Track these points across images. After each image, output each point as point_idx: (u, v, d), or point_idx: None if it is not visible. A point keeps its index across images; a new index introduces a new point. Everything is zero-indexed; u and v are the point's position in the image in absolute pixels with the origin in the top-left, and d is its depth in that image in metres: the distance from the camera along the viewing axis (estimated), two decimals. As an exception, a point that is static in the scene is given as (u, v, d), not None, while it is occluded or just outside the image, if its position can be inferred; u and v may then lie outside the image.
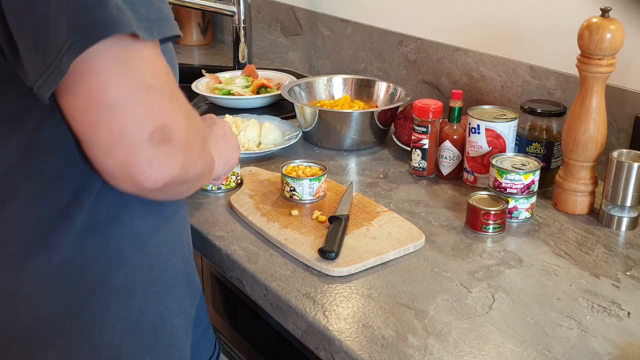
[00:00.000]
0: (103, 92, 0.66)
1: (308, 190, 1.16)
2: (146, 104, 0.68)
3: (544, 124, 1.24)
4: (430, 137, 1.28)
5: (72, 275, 0.77)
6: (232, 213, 1.16)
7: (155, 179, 0.70)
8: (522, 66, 1.41)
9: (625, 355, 0.82)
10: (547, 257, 1.04)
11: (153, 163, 0.69)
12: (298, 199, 1.17)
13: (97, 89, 0.65)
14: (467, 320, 0.88)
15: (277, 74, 1.83)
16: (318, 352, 0.89)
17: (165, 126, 0.69)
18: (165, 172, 0.70)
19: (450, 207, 1.19)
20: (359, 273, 0.99)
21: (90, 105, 0.66)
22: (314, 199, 1.17)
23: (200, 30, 2.39)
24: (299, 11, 2.01)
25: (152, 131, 0.68)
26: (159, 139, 0.68)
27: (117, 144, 0.68)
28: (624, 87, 1.25)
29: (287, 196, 1.17)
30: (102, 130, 0.67)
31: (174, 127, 0.70)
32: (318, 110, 1.44)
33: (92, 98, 0.66)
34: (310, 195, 1.17)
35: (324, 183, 1.19)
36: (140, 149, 0.68)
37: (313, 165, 1.23)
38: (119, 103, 0.66)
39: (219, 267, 1.09)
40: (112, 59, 0.66)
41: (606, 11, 1.08)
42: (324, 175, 1.19)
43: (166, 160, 0.70)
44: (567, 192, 1.17)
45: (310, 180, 1.16)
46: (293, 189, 1.16)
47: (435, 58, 1.61)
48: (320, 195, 1.18)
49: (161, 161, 0.69)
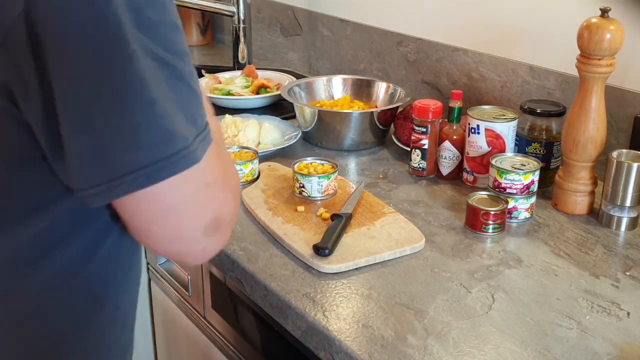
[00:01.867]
0: (169, 198, 0.66)
1: (317, 187, 1.17)
2: (204, 201, 0.69)
3: (544, 124, 1.24)
4: (430, 137, 1.28)
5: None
6: (232, 213, 1.16)
7: (204, 261, 0.73)
8: (521, 66, 1.42)
9: (625, 355, 0.82)
10: (547, 257, 1.04)
11: (207, 250, 0.71)
12: (307, 195, 1.17)
13: (162, 196, 0.66)
14: (467, 320, 0.88)
15: (277, 74, 1.83)
16: (318, 352, 0.89)
17: (219, 217, 0.70)
18: (213, 254, 0.73)
19: (450, 207, 1.19)
20: (358, 273, 0.99)
21: (152, 206, 0.66)
22: (323, 197, 1.18)
23: (200, 31, 2.39)
24: (299, 11, 2.01)
25: (207, 225, 0.69)
26: (213, 229, 0.70)
27: (174, 238, 0.69)
28: (624, 87, 1.25)
29: (296, 192, 1.18)
30: (161, 227, 0.68)
31: (226, 214, 0.71)
32: (318, 111, 1.44)
33: (155, 201, 0.66)
34: (319, 192, 1.17)
35: (333, 181, 1.19)
36: (196, 241, 0.70)
37: (325, 163, 1.24)
38: (181, 204, 0.67)
39: (218, 268, 1.09)
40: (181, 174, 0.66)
41: (606, 11, 1.08)
42: (334, 173, 1.20)
43: (218, 244, 0.72)
44: (567, 192, 1.17)
45: (319, 177, 1.17)
46: (302, 186, 1.17)
47: (435, 58, 1.61)
48: (329, 193, 1.19)
49: (214, 246, 0.72)
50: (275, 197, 1.18)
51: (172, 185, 0.65)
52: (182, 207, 0.67)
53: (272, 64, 2.11)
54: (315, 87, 1.61)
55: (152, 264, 1.41)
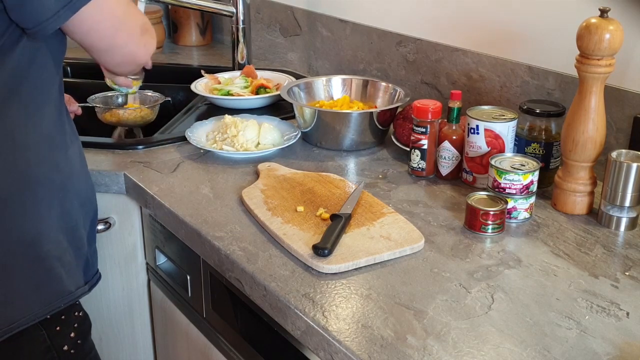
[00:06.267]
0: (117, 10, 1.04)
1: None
2: (133, 12, 1.08)
3: (543, 124, 1.24)
4: (429, 138, 1.28)
5: None
6: (231, 213, 1.16)
7: (149, 54, 1.14)
8: (520, 66, 1.42)
9: (624, 355, 0.83)
10: (546, 258, 1.04)
11: (147, 45, 1.12)
12: None
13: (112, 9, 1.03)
14: (466, 320, 0.88)
15: (276, 75, 1.83)
16: (317, 353, 0.89)
17: (144, 23, 1.11)
18: (152, 47, 1.14)
19: (449, 207, 1.19)
20: (357, 273, 0.99)
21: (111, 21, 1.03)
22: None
23: (200, 31, 2.39)
24: (298, 12, 2.01)
25: (141, 26, 1.10)
26: (144, 29, 1.10)
27: (130, 41, 1.08)
28: (623, 87, 1.25)
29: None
30: (120, 37, 1.06)
31: (147, 22, 1.12)
32: (317, 111, 1.44)
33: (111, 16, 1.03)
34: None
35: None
36: (139, 38, 1.09)
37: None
38: (124, 15, 1.06)
39: (218, 268, 1.09)
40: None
41: (605, 11, 1.08)
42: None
43: (151, 42, 1.13)
44: (566, 193, 1.17)
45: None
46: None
47: (434, 58, 1.61)
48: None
49: (150, 42, 1.13)
50: (274, 198, 1.18)
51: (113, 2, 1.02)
52: (125, 17, 1.06)
53: (271, 64, 2.11)
54: (314, 88, 1.61)
55: (151, 264, 1.41)
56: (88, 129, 1.50)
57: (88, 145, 1.40)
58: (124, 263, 1.43)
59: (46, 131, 1.05)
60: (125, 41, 1.07)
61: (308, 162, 1.38)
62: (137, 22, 1.08)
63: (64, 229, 1.09)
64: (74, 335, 1.12)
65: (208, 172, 1.33)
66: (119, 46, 1.07)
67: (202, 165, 1.36)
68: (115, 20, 1.04)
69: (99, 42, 1.05)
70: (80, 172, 1.14)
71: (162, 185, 1.27)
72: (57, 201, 1.07)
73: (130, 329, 1.49)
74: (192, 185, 1.27)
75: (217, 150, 1.39)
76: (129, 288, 1.45)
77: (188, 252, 1.23)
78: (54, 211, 1.07)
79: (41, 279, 1.05)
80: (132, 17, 1.07)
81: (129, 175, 1.31)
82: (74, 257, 1.11)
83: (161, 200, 1.21)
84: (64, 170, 1.09)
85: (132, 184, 1.30)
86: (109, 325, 1.47)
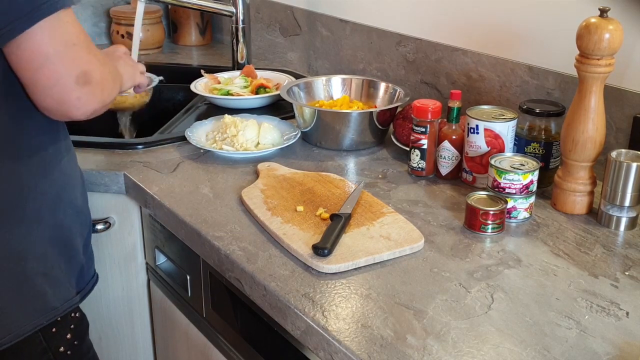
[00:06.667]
0: (44, 47, 0.92)
1: None
2: (72, 55, 0.95)
3: (543, 124, 1.24)
4: (429, 137, 1.28)
5: None
6: (231, 213, 1.16)
7: (84, 112, 0.98)
8: (520, 66, 1.42)
9: (624, 355, 0.82)
10: (546, 257, 1.04)
11: (82, 100, 0.96)
12: None
13: (39, 45, 0.92)
14: (466, 320, 0.88)
15: (276, 74, 1.83)
16: (317, 352, 0.89)
17: (87, 72, 0.96)
18: (90, 106, 0.98)
19: (449, 207, 1.19)
20: (356, 273, 0.99)
21: (33, 55, 0.92)
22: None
23: (199, 31, 2.39)
24: (298, 11, 2.01)
25: (77, 75, 0.95)
26: (83, 81, 0.95)
27: (54, 85, 0.94)
28: (623, 87, 1.25)
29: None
30: (43, 75, 0.93)
31: (94, 72, 0.97)
32: (317, 111, 1.44)
33: (34, 49, 0.92)
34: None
35: None
36: (71, 89, 0.95)
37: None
38: (55, 55, 0.93)
39: (217, 268, 1.09)
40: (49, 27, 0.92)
41: (605, 11, 1.08)
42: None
43: (92, 97, 0.97)
44: (566, 192, 1.17)
45: None
46: None
47: (434, 58, 1.61)
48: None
49: (88, 98, 0.97)
50: (274, 197, 1.18)
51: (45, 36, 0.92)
52: (55, 58, 0.93)
53: (271, 64, 2.11)
54: (314, 87, 1.61)
55: (151, 264, 1.41)
56: (88, 128, 1.50)
57: (88, 145, 1.40)
58: (124, 263, 1.43)
59: (37, 141, 1.03)
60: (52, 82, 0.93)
61: (308, 162, 1.38)
62: (77, 68, 0.94)
63: (57, 241, 1.07)
64: (70, 336, 1.11)
65: (208, 172, 1.33)
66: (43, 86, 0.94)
67: (201, 165, 1.36)
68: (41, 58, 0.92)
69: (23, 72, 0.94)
70: (76, 181, 1.13)
71: (161, 185, 1.27)
72: (49, 213, 1.05)
73: (130, 329, 1.49)
74: (192, 185, 1.27)
75: (217, 150, 1.39)
76: (128, 288, 1.45)
77: (188, 252, 1.23)
78: (45, 224, 1.05)
79: (25, 296, 1.04)
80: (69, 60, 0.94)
81: (129, 175, 1.31)
82: (64, 270, 1.09)
83: (161, 200, 1.21)
84: (59, 180, 1.07)
85: (131, 183, 1.30)
86: (108, 325, 1.47)
